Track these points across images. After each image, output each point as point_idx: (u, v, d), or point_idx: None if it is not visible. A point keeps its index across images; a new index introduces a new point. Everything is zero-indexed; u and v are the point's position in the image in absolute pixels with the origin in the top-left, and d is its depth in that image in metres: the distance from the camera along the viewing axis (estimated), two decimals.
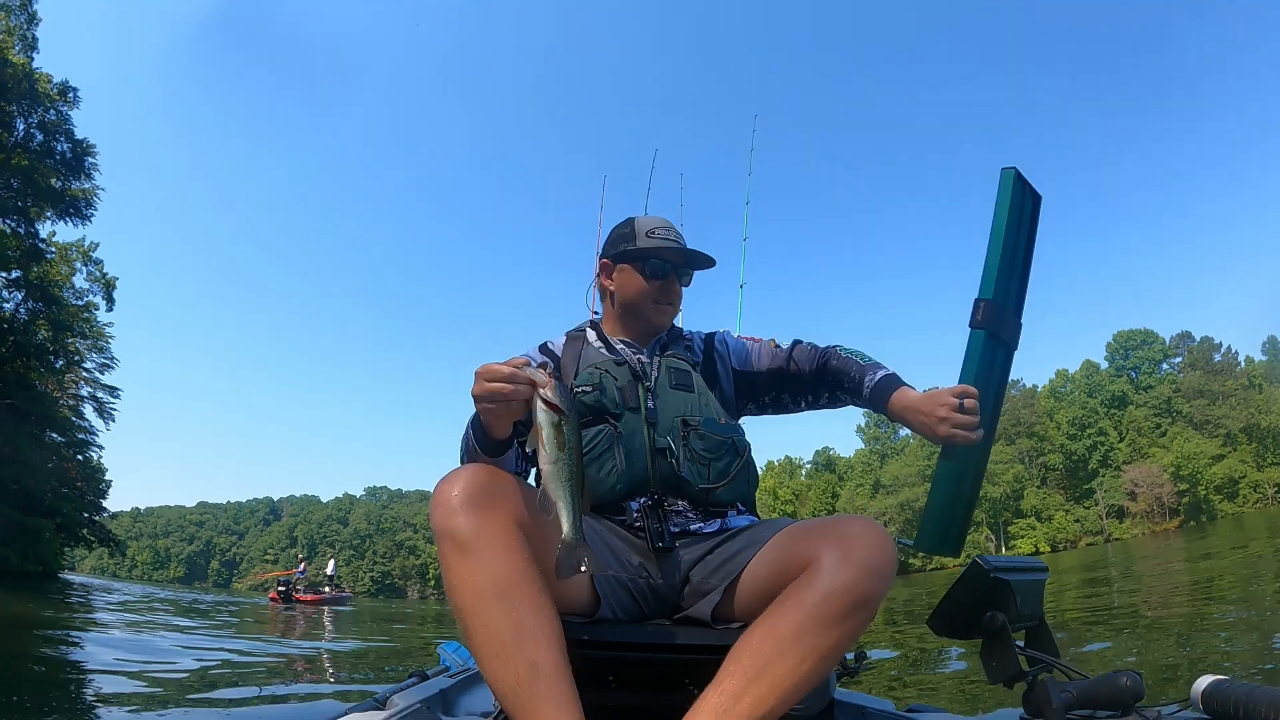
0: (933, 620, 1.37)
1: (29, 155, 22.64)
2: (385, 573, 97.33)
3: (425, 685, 1.86)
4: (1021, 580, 1.32)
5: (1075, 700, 1.20)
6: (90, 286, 27.33)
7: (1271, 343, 59.56)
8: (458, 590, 1.14)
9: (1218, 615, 5.95)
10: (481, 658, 1.14)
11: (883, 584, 1.16)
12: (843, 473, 71.65)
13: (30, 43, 23.44)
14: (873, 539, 1.18)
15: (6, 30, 22.57)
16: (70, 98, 23.64)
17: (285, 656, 7.14)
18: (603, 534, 1.45)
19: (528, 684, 1.10)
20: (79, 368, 27.97)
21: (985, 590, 1.28)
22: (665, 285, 1.68)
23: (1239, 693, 1.10)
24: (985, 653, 1.29)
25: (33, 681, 4.24)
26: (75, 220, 24.63)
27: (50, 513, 23.26)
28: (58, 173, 23.55)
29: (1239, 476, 52.45)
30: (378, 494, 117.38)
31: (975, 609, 1.29)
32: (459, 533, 1.14)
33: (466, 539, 1.14)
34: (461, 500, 1.16)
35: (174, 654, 6.15)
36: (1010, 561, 1.35)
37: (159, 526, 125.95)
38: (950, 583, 1.37)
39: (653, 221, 1.71)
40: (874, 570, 1.15)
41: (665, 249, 1.66)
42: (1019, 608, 1.30)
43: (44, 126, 23.17)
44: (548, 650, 1.12)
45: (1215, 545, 17.41)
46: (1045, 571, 1.48)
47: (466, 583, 1.13)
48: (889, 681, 3.92)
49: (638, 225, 1.69)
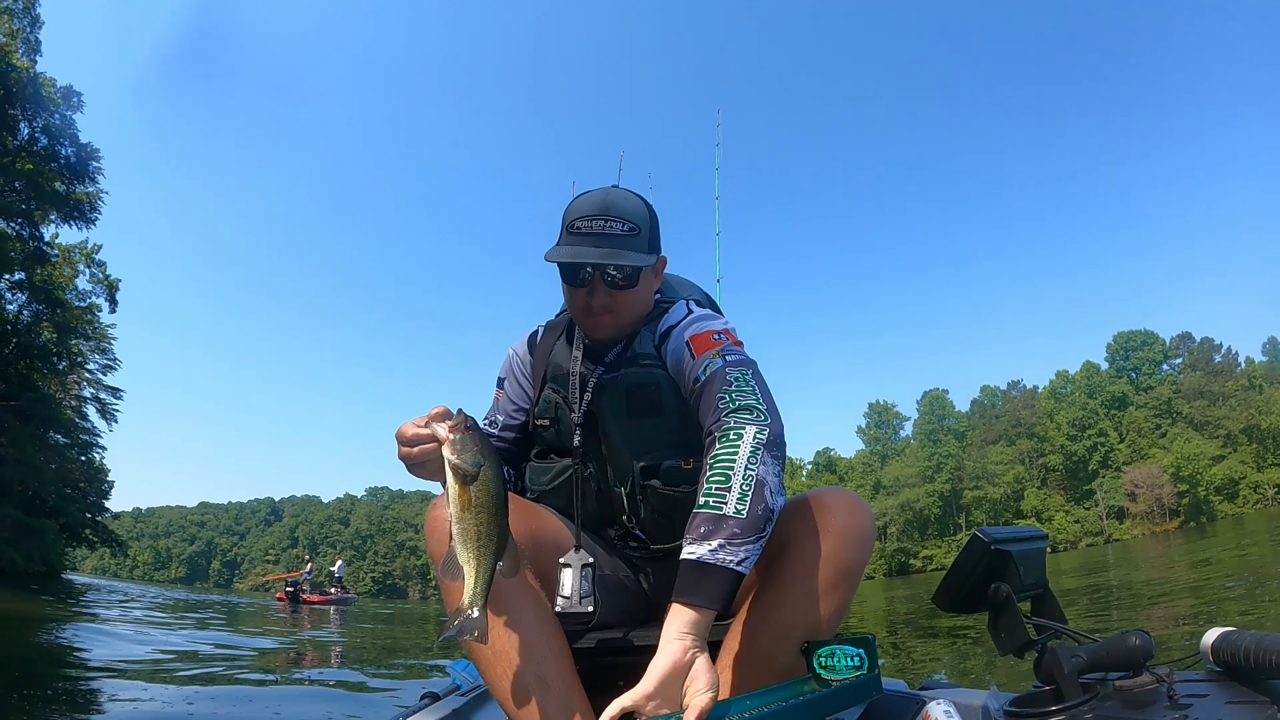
0: (937, 597, 1.35)
1: (33, 159, 22.74)
2: (386, 573, 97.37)
3: (439, 706, 1.86)
4: (1023, 549, 1.31)
5: (1086, 664, 1.19)
6: (93, 288, 27.49)
7: (1272, 343, 59.37)
8: None
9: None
10: (490, 678, 1.14)
11: (863, 551, 1.15)
12: (843, 473, 71.59)
13: (33, 45, 23.58)
14: (849, 506, 1.17)
15: (9, 33, 22.68)
16: (74, 102, 23.76)
17: (304, 653, 7.24)
18: (593, 536, 1.49)
19: (538, 699, 1.11)
20: (82, 369, 28.10)
21: (987, 563, 1.27)
22: (579, 297, 1.40)
23: (1247, 642, 1.09)
24: (993, 624, 1.28)
25: (66, 679, 4.31)
26: (79, 224, 24.76)
27: (54, 514, 23.38)
28: (62, 176, 23.66)
29: (1239, 477, 52.44)
30: (379, 494, 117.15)
31: (979, 582, 1.28)
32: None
33: None
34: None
35: (208, 653, 6.22)
36: (1010, 532, 1.34)
37: (160, 527, 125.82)
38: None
39: (583, 203, 1.40)
40: (853, 537, 1.14)
41: (565, 255, 1.37)
42: (1022, 577, 1.29)
43: (48, 131, 23.27)
44: (554, 662, 1.14)
45: (1214, 548, 17.39)
46: (1045, 539, 1.48)
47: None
48: (901, 662, 3.98)
49: (567, 209, 1.43)
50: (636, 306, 1.44)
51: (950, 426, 66.33)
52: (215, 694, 4.01)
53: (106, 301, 27.56)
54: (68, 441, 27.07)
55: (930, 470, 63.24)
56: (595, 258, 1.33)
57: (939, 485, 62.26)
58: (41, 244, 24.24)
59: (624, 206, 1.38)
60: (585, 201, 1.39)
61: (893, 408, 72.99)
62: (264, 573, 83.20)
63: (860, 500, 1.19)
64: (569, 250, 1.35)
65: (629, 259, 1.34)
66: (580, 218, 1.36)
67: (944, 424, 66.65)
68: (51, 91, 23.14)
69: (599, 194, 1.40)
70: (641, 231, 1.38)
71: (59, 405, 26.26)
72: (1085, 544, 54.72)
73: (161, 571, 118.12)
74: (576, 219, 1.37)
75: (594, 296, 1.37)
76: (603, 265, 1.35)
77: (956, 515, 62.21)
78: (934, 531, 62.61)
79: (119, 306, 27.93)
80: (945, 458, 63.18)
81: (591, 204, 1.38)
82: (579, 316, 1.44)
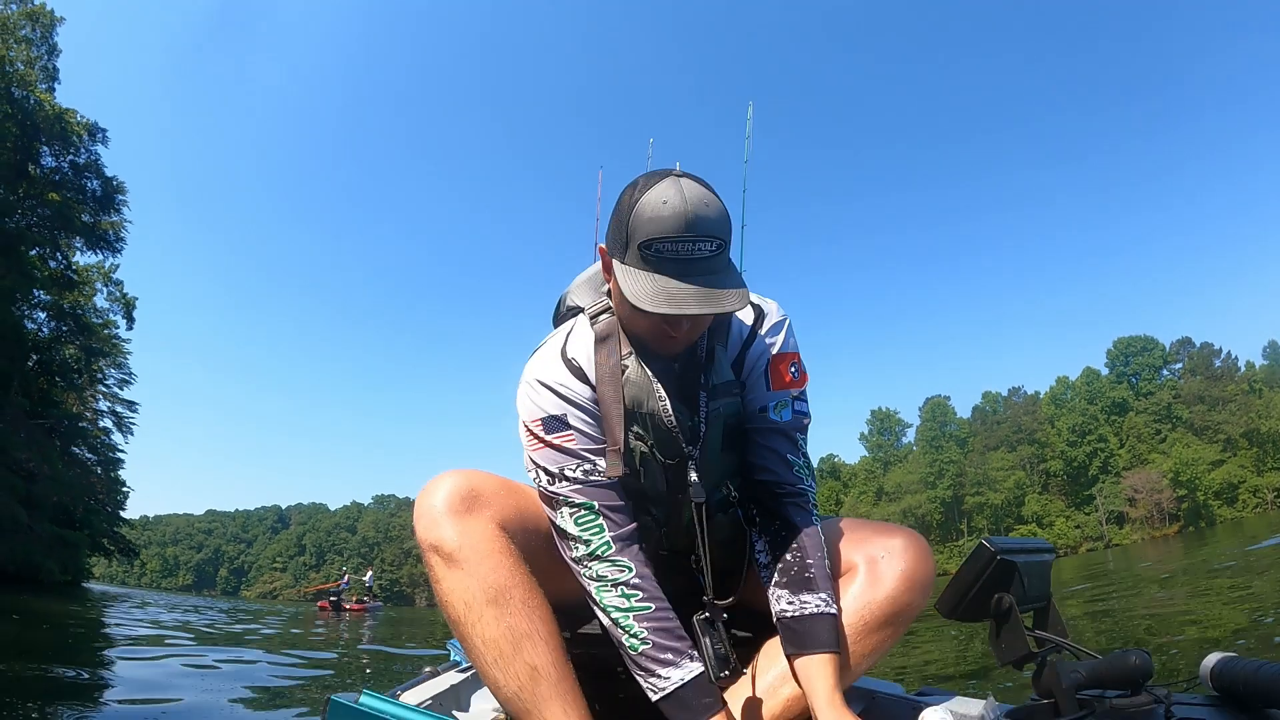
0: (940, 604, 1.35)
1: (61, 191, 23.74)
2: (393, 580, 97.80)
3: (437, 680, 1.86)
4: (1028, 561, 1.31)
5: (1085, 680, 1.19)
6: (110, 306, 28.32)
7: (1272, 346, 59.48)
8: (449, 602, 1.14)
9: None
10: (481, 666, 1.13)
11: (923, 597, 1.20)
12: (847, 480, 71.91)
13: (51, 73, 24.37)
14: (917, 551, 1.22)
15: (27, 60, 23.46)
16: (100, 138, 24.80)
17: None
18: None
19: (530, 688, 1.10)
20: (99, 384, 28.89)
21: (992, 572, 1.26)
22: (660, 325, 1.18)
23: (1248, 669, 1.09)
24: (994, 635, 1.28)
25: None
26: (105, 251, 25.94)
27: (80, 525, 24.26)
28: (89, 208, 24.79)
29: (1238, 482, 52.58)
30: (385, 502, 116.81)
31: (983, 591, 1.27)
32: (444, 544, 1.13)
33: (452, 549, 1.13)
34: (443, 510, 1.15)
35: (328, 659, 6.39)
36: (1017, 543, 1.33)
37: (167, 534, 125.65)
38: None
39: (659, 220, 1.09)
40: (917, 583, 1.20)
41: (662, 303, 1.08)
42: (1026, 589, 1.29)
43: (75, 167, 24.35)
44: (546, 652, 1.12)
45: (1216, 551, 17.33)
46: (1052, 552, 1.48)
47: (457, 593, 1.13)
48: (896, 668, 4.00)
49: (635, 220, 1.11)
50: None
51: (952, 433, 66.61)
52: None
53: (124, 319, 28.40)
54: (94, 457, 28.03)
55: (932, 477, 63.50)
56: (695, 302, 1.07)
57: (941, 491, 62.58)
58: (69, 271, 25.27)
59: (708, 217, 1.09)
60: (662, 214, 1.08)
61: (895, 415, 73.41)
62: (308, 584, 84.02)
63: (927, 547, 1.25)
64: (663, 296, 1.07)
65: (733, 298, 1.08)
66: (661, 239, 1.08)
67: (946, 430, 66.97)
68: (77, 128, 24.04)
69: (677, 203, 1.08)
70: (727, 243, 1.12)
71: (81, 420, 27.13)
72: (1085, 549, 54.87)
73: (169, 579, 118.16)
74: (655, 239, 1.08)
75: (680, 329, 1.17)
76: (710, 314, 1.09)
77: (958, 521, 62.57)
78: (936, 538, 62.64)
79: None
80: (947, 464, 63.48)
81: (673, 220, 1.08)
82: (650, 340, 1.23)
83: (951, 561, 57.32)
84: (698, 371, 1.27)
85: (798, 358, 1.32)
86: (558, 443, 1.22)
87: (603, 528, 1.19)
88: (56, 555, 20.37)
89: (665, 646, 1.12)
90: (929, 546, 1.24)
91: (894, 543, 1.22)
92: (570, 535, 1.20)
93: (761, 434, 1.29)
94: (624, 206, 1.15)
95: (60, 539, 20.92)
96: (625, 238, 1.13)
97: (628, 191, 1.16)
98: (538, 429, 1.22)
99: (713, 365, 1.27)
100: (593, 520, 1.19)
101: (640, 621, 1.14)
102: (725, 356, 1.29)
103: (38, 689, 3.71)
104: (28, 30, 23.72)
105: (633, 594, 1.16)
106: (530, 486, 1.30)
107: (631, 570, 1.17)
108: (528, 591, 1.14)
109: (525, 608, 1.13)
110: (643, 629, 1.13)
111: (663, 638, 1.13)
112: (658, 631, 1.13)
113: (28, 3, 23.78)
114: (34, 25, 23.76)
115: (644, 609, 1.14)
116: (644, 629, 1.13)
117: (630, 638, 1.14)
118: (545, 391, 1.23)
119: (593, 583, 1.18)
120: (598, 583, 1.17)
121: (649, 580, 1.18)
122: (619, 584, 1.16)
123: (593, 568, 1.18)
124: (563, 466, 1.21)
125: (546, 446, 1.22)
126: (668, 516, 1.32)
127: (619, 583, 1.16)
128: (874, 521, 1.32)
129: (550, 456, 1.22)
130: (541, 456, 1.22)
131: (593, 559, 1.18)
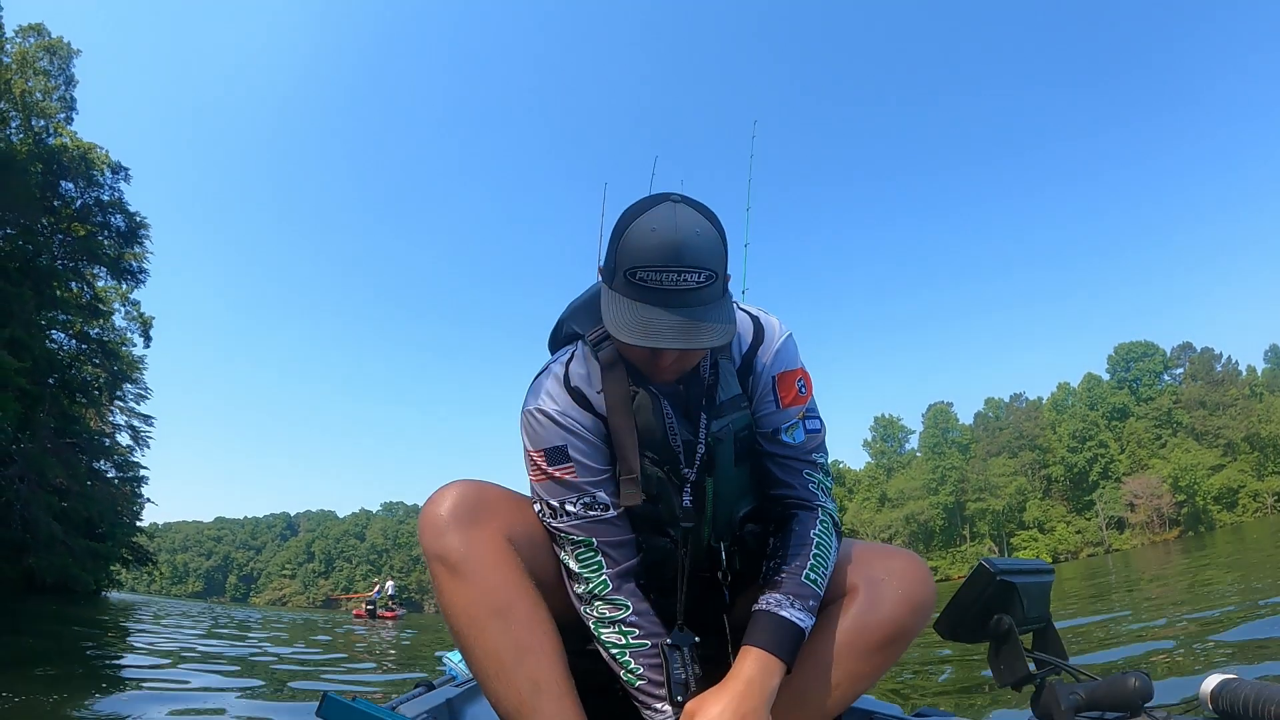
0: (939, 625, 1.34)
1: (86, 226, 24.83)
2: (402, 587, 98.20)
3: (432, 695, 1.83)
4: (1028, 582, 1.30)
5: (1084, 702, 1.18)
6: (129, 325, 29.30)
7: (1274, 350, 59.67)
8: (453, 612, 1.13)
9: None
10: (482, 678, 1.13)
11: (923, 619, 1.19)
12: (850, 486, 72.06)
13: (69, 103, 25.22)
14: (917, 574, 1.21)
15: (45, 90, 24.35)
16: (123, 175, 25.94)
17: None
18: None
19: (531, 702, 1.10)
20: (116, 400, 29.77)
21: (992, 593, 1.26)
22: (647, 354, 1.16)
23: (1247, 691, 1.08)
24: (993, 655, 1.28)
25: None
26: (129, 281, 27.04)
27: (106, 538, 25.21)
28: (113, 241, 25.98)
29: (1238, 486, 52.68)
30: (394, 509, 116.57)
31: (982, 612, 1.27)
32: (449, 554, 1.13)
33: (457, 560, 1.12)
34: (449, 520, 1.15)
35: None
36: (1016, 564, 1.32)
37: (177, 541, 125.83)
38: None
39: (646, 249, 1.06)
40: (917, 606, 1.19)
41: (638, 336, 1.06)
42: (1026, 610, 1.28)
43: (100, 204, 25.44)
44: (548, 666, 1.12)
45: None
46: (1051, 573, 1.46)
47: (461, 604, 1.12)
48: (895, 686, 3.93)
49: (624, 247, 1.10)
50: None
51: (954, 439, 66.86)
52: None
53: (141, 337, 29.35)
54: (120, 474, 29.09)
55: (934, 483, 63.69)
56: (672, 335, 1.05)
57: (943, 497, 62.79)
58: (96, 301, 26.42)
59: (698, 247, 1.06)
60: (649, 242, 1.06)
61: (898, 421, 73.74)
62: (344, 594, 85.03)
63: (927, 570, 1.24)
64: (640, 326, 1.06)
65: (714, 332, 1.06)
66: (645, 267, 1.06)
67: (948, 437, 67.23)
68: (102, 166, 25.10)
69: (666, 231, 1.06)
70: (719, 274, 1.10)
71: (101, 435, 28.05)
72: (1086, 554, 55.10)
73: (179, 586, 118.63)
74: (640, 267, 1.06)
75: (667, 359, 1.15)
76: (688, 349, 1.08)
77: (960, 527, 62.85)
78: (939, 543, 63.10)
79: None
80: (949, 470, 63.68)
81: (659, 249, 1.05)
82: (641, 367, 1.21)
83: (954, 567, 57.75)
84: (701, 391, 1.25)
85: (803, 373, 1.30)
86: (558, 475, 1.22)
87: (601, 565, 1.20)
88: (89, 567, 21.61)
89: (659, 682, 1.16)
90: (929, 570, 1.24)
91: (894, 565, 1.22)
92: (574, 573, 1.22)
93: (777, 460, 1.29)
94: (617, 231, 1.13)
95: (93, 552, 22.11)
96: (614, 264, 1.11)
97: (624, 216, 1.14)
98: (540, 460, 1.23)
99: (718, 382, 1.26)
100: (592, 558, 1.21)
101: (636, 658, 1.16)
102: (730, 370, 1.28)
103: (109, 682, 4.37)
104: (45, 62, 24.67)
105: (629, 631, 1.18)
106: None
107: (629, 608, 1.19)
108: (532, 605, 1.15)
109: (529, 621, 1.13)
110: (639, 665, 1.16)
111: (657, 674, 1.16)
112: (653, 668, 1.16)
113: (45, 35, 24.78)
114: (51, 58, 24.69)
115: (640, 646, 1.17)
116: (640, 665, 1.16)
117: (628, 673, 1.17)
118: (547, 422, 1.23)
119: (592, 620, 1.21)
120: (597, 620, 1.20)
121: (647, 617, 1.20)
122: (616, 621, 1.19)
123: (594, 606, 1.21)
124: (563, 500, 1.22)
125: (549, 479, 1.22)
126: (685, 537, 1.29)
127: (616, 620, 1.19)
128: (875, 544, 1.32)
129: (551, 489, 1.22)
130: (543, 488, 1.23)
131: (592, 598, 1.21)
